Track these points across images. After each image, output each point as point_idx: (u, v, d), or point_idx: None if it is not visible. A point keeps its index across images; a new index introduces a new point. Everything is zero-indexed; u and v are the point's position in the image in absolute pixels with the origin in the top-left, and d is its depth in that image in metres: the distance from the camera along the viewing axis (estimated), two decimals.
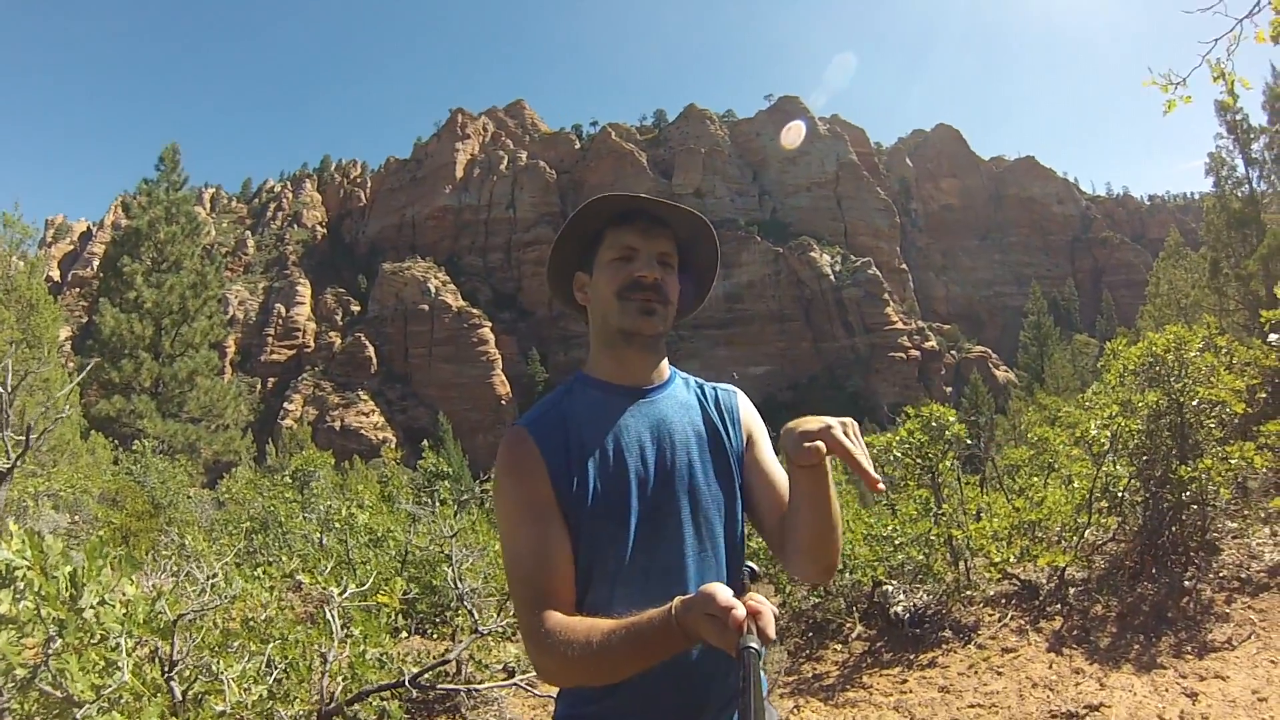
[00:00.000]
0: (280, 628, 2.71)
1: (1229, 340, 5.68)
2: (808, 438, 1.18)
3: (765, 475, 1.44)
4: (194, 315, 22.39)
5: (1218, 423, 5.14)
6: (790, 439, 1.21)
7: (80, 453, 11.96)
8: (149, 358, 20.91)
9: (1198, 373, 5.13)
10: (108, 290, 21.67)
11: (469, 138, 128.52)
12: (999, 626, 4.84)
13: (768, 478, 1.44)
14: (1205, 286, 12.63)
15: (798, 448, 1.18)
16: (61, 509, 7.40)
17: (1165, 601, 4.59)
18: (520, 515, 1.31)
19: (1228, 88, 3.96)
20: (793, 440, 1.20)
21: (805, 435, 1.18)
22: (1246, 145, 12.73)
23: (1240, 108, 12.89)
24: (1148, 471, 5.17)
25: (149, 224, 22.34)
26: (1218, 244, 12.76)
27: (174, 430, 19.69)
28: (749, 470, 1.45)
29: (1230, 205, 12.72)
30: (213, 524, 9.08)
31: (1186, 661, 3.99)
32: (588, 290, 1.47)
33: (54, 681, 1.65)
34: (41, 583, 1.52)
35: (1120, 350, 5.76)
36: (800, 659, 5.21)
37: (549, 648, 1.18)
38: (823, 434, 1.17)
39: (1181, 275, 14.25)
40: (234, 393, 23.55)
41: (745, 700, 0.91)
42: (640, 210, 1.43)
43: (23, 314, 12.19)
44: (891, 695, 4.37)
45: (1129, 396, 5.37)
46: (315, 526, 6.73)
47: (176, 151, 23.83)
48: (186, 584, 2.95)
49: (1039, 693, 3.99)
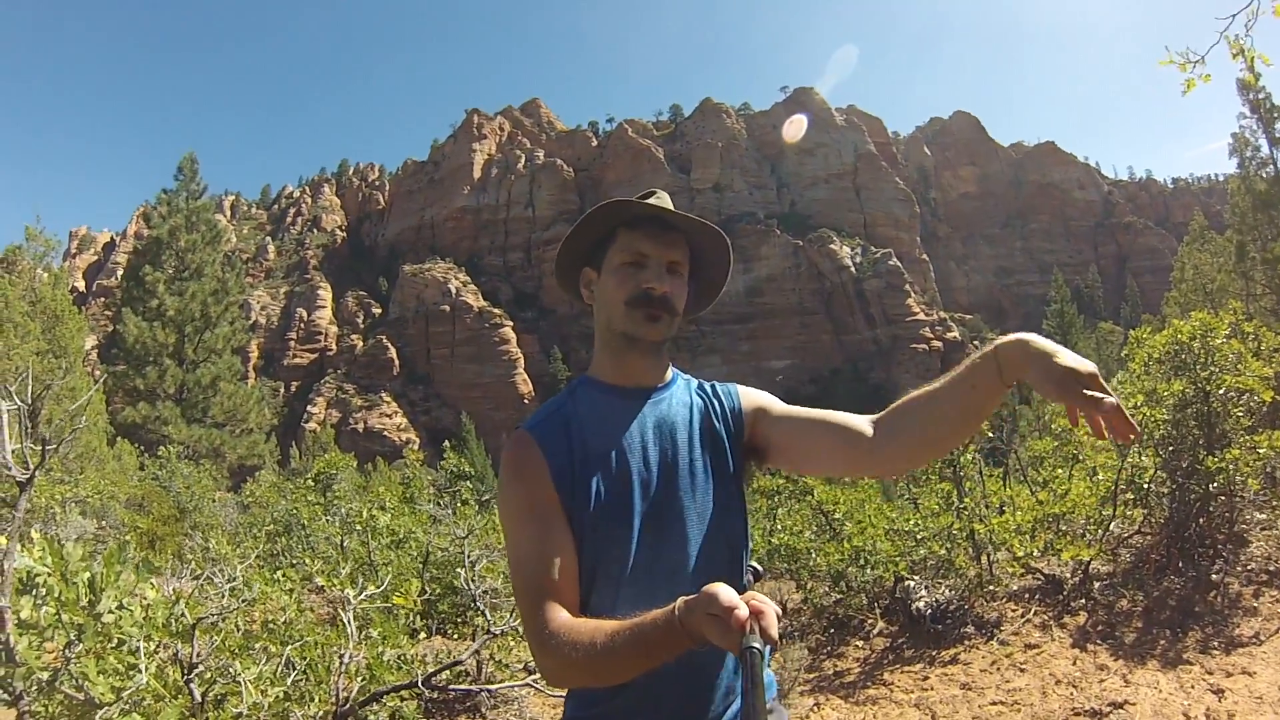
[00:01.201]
0: (300, 630, 2.74)
1: (1256, 325, 5.56)
2: (1084, 383, 1.12)
3: (797, 421, 1.44)
4: (216, 321, 22.75)
5: (1245, 411, 5.03)
6: (1055, 369, 1.14)
7: (107, 459, 12.20)
8: (173, 364, 21.28)
9: (1224, 360, 5.02)
10: (130, 299, 22.07)
11: (485, 138, 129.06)
12: (1022, 622, 4.78)
13: (801, 421, 1.43)
14: (1231, 271, 12.35)
15: (1066, 384, 1.13)
16: (89, 514, 7.55)
17: (1192, 596, 4.50)
18: (524, 517, 1.32)
19: (1248, 64, 3.87)
20: (1059, 373, 1.14)
21: (1079, 378, 1.13)
22: (1270, 125, 12.41)
23: (1263, 86, 12.59)
24: (1174, 462, 5.07)
25: (169, 233, 22.73)
26: (1243, 227, 12.46)
27: (198, 435, 20.02)
28: (776, 429, 1.45)
29: (1255, 187, 12.41)
30: (236, 527, 9.21)
31: (1213, 657, 3.91)
32: (594, 289, 1.47)
33: (75, 684, 1.69)
34: (62, 589, 1.55)
35: (1145, 338, 5.65)
36: (821, 656, 5.18)
37: (552, 648, 1.19)
38: (1097, 392, 1.11)
39: (1207, 260, 13.93)
40: (257, 397, 23.87)
41: (748, 700, 0.91)
42: (655, 216, 1.43)
43: (48, 325, 12.47)
44: (913, 693, 4.33)
45: (1154, 386, 5.27)
46: (337, 529, 6.80)
47: (194, 161, 24.20)
48: (208, 587, 3.00)
49: (1062, 690, 3.94)
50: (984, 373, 1.22)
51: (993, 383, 1.21)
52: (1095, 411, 1.11)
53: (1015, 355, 1.19)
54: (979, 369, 1.23)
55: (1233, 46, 4.01)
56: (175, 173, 23.80)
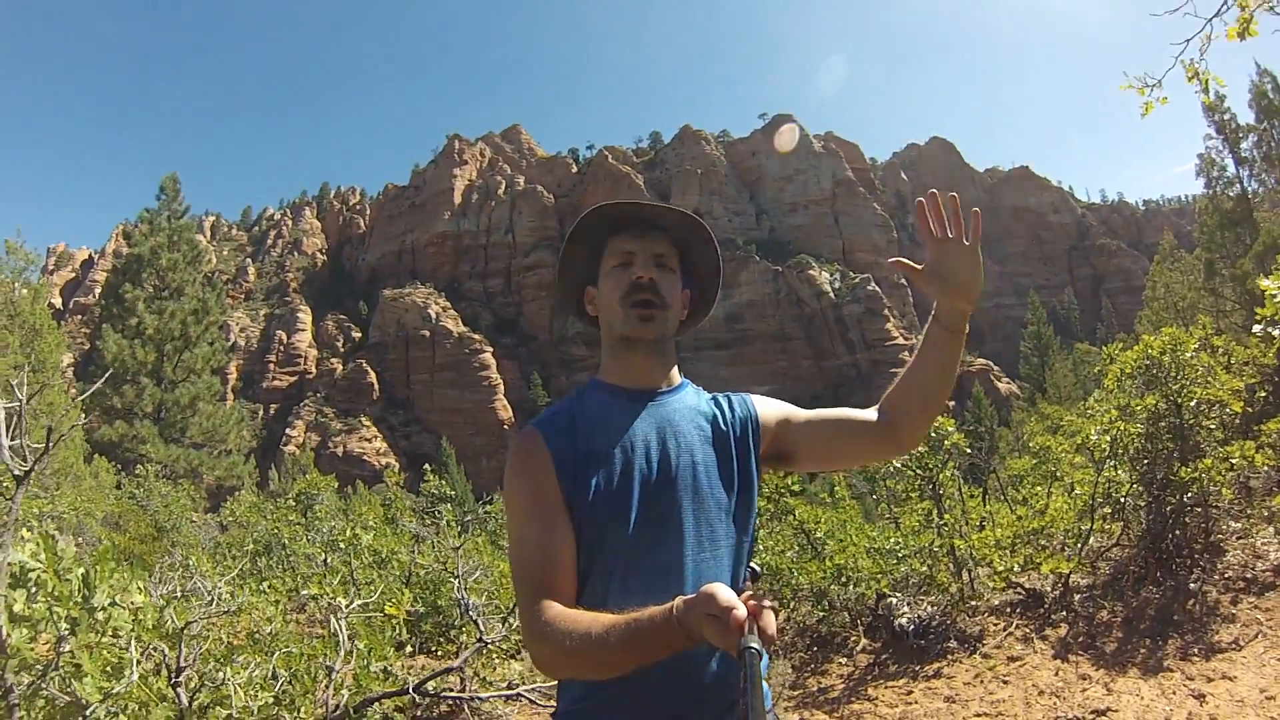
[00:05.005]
0: (284, 640, 2.72)
1: (1226, 340, 5.70)
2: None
3: (823, 423, 1.55)
4: (196, 341, 22.48)
5: (1218, 423, 5.15)
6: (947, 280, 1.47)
7: (84, 476, 11.99)
8: (151, 383, 20.96)
9: (1195, 373, 5.14)
10: (110, 316, 21.79)
11: (466, 163, 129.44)
12: (1004, 635, 4.82)
13: (827, 422, 1.54)
14: (1201, 288, 12.66)
15: (949, 285, 1.46)
16: (65, 531, 7.41)
17: (1171, 605, 4.57)
18: (528, 510, 1.35)
19: (1203, 86, 4.04)
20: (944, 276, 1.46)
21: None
22: (1236, 145, 12.83)
23: (1228, 108, 13.01)
24: (1149, 475, 5.17)
25: (151, 251, 22.51)
26: (1211, 245, 12.81)
27: (177, 455, 19.69)
28: (804, 434, 1.54)
29: (1222, 205, 12.79)
30: (216, 545, 9.07)
31: (1193, 663, 3.97)
32: (597, 301, 1.52)
33: (63, 683, 1.68)
34: (55, 584, 1.55)
35: (1117, 355, 5.78)
36: (805, 673, 5.18)
37: (546, 635, 1.20)
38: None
39: (1177, 278, 14.25)
40: (236, 418, 23.52)
41: (747, 701, 0.92)
42: (634, 216, 1.49)
43: (27, 339, 12.30)
44: (897, 707, 4.35)
45: (1127, 401, 5.38)
46: (319, 548, 6.73)
47: (177, 181, 24.09)
48: (192, 599, 2.97)
49: (1046, 700, 3.97)
50: (934, 331, 1.49)
51: (943, 334, 1.46)
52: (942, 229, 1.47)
53: (941, 305, 1.48)
54: (930, 331, 1.49)
55: (1188, 70, 4.19)
56: (158, 192, 23.61)
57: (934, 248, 1.48)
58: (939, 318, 1.47)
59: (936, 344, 1.47)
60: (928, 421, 1.50)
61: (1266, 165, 12.45)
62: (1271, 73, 12.75)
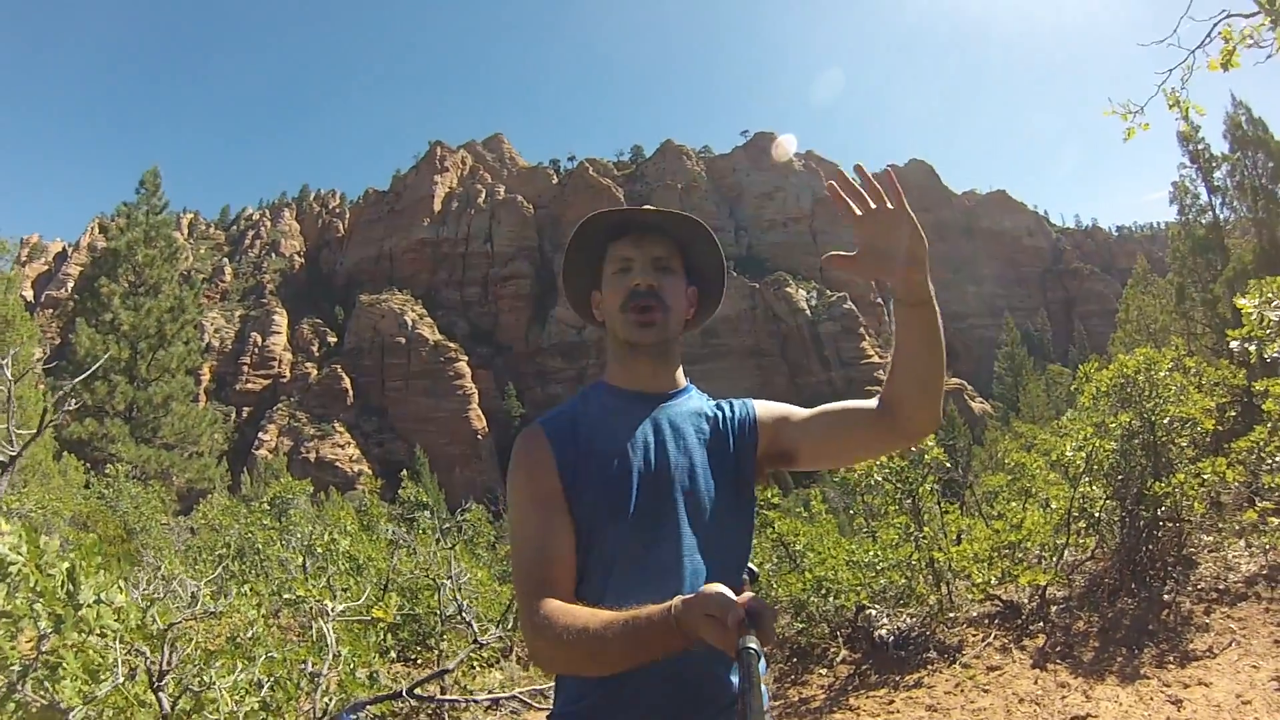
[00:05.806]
0: (268, 645, 2.66)
1: (1198, 361, 5.84)
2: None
3: (825, 419, 1.49)
4: (171, 340, 22.03)
5: (1190, 440, 5.27)
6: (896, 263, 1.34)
7: (52, 474, 11.68)
8: (123, 381, 20.50)
9: (1168, 392, 5.26)
10: (84, 311, 21.28)
11: (447, 170, 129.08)
12: (983, 646, 4.87)
13: (829, 417, 1.49)
14: (1172, 311, 12.95)
15: (897, 265, 1.33)
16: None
17: (1146, 615, 4.65)
18: (528, 506, 1.36)
19: (1183, 114, 4.16)
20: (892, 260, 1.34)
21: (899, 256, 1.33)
22: (1209, 173, 13.18)
23: (1202, 138, 13.37)
24: (1123, 490, 5.27)
25: (128, 246, 22.03)
26: (1183, 270, 13.12)
27: (147, 455, 19.24)
28: (805, 432, 1.49)
29: (1194, 232, 13.13)
30: (188, 549, 8.88)
31: (1169, 671, 4.04)
32: (602, 307, 1.53)
33: (38, 685, 1.62)
34: (37, 578, 1.50)
35: (1093, 373, 5.89)
36: (785, 684, 5.19)
37: (543, 629, 1.20)
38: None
39: (1150, 302, 14.59)
40: (209, 420, 23.08)
41: (745, 701, 0.92)
42: (632, 221, 1.50)
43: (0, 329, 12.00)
44: (879, 716, 4.37)
45: (1102, 418, 5.49)
46: (296, 553, 6.61)
47: (157, 175, 23.61)
48: (170, 602, 2.90)
49: (1026, 707, 4.02)
50: (901, 313, 1.41)
51: (910, 311, 1.38)
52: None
53: (895, 284, 1.38)
54: (898, 314, 1.43)
55: (1169, 99, 4.31)
56: (138, 186, 23.12)
57: (862, 228, 1.36)
58: (899, 298, 1.37)
59: (908, 323, 1.37)
60: (931, 403, 1.39)
61: (1239, 194, 12.79)
62: (1247, 104, 13.18)
